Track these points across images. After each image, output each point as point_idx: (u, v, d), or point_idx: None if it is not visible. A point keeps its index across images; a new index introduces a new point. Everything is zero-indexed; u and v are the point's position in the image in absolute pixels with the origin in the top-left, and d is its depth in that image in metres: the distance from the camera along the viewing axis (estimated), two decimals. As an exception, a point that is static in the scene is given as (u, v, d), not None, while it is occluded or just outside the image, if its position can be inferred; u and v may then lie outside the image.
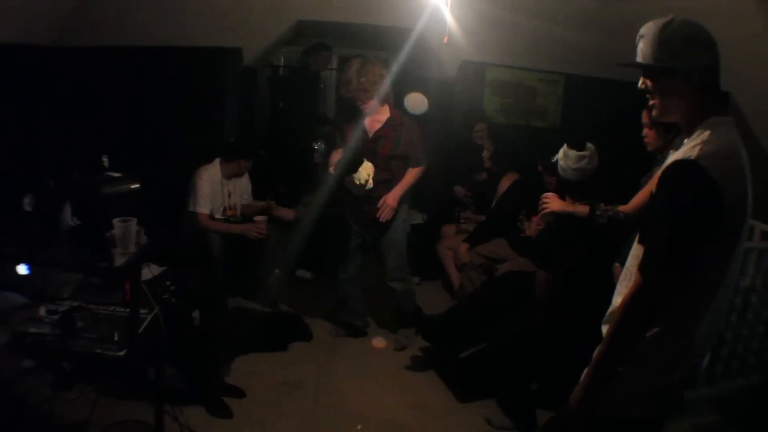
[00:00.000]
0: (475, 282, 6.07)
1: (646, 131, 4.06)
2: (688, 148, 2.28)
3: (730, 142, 2.28)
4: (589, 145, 4.63)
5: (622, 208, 3.14)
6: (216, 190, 5.66)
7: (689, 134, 2.37)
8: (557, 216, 4.10)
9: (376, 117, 5.27)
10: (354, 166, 5.13)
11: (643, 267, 2.30)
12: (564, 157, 4.49)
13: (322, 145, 6.58)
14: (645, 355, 2.39)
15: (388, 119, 5.28)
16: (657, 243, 2.30)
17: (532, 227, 5.32)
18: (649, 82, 2.46)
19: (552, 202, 4.03)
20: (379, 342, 5.42)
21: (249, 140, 6.12)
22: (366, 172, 5.14)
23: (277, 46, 7.79)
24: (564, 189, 4.51)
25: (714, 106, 2.37)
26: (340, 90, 5.22)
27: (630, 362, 2.40)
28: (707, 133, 2.30)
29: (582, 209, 3.57)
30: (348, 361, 5.40)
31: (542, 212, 4.08)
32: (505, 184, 6.66)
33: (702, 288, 2.33)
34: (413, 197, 8.19)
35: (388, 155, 5.26)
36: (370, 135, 5.27)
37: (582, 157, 4.43)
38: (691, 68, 2.33)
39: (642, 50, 2.44)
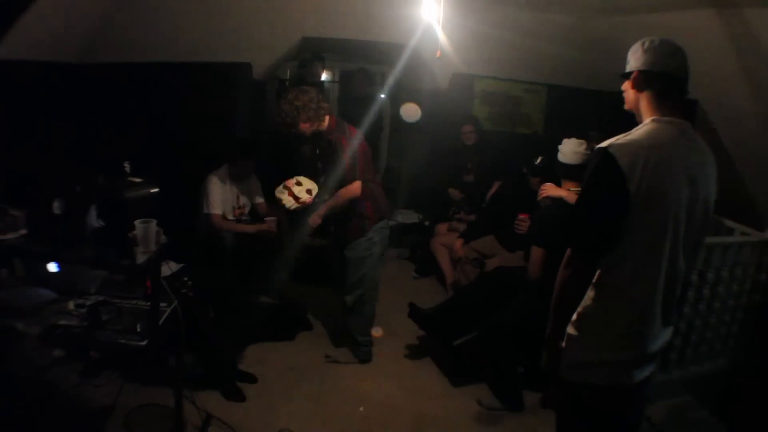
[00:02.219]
0: (469, 274, 6.07)
1: None
2: (612, 139, 2.47)
3: (653, 139, 2.43)
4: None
5: None
6: (226, 192, 5.65)
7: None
8: (552, 200, 4.37)
9: (321, 137, 4.94)
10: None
11: (568, 236, 2.56)
12: (566, 143, 4.54)
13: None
14: (590, 329, 2.58)
15: (323, 138, 4.92)
16: (575, 215, 2.58)
17: (521, 226, 5.31)
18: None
19: (549, 189, 4.41)
20: (377, 331, 5.42)
21: (246, 143, 6.06)
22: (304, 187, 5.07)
23: (283, 61, 7.79)
24: (563, 173, 4.59)
25: (661, 109, 2.54)
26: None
27: (582, 335, 2.59)
28: (639, 128, 2.52)
29: (572, 196, 4.06)
30: (350, 349, 5.40)
31: (540, 197, 4.40)
32: (493, 187, 6.68)
33: (627, 269, 2.47)
34: (409, 198, 8.24)
35: (329, 168, 4.92)
36: (318, 152, 5.10)
37: (581, 144, 4.46)
38: (643, 71, 2.56)
39: (627, 61, 2.65)
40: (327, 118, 4.83)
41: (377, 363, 5.25)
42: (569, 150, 4.51)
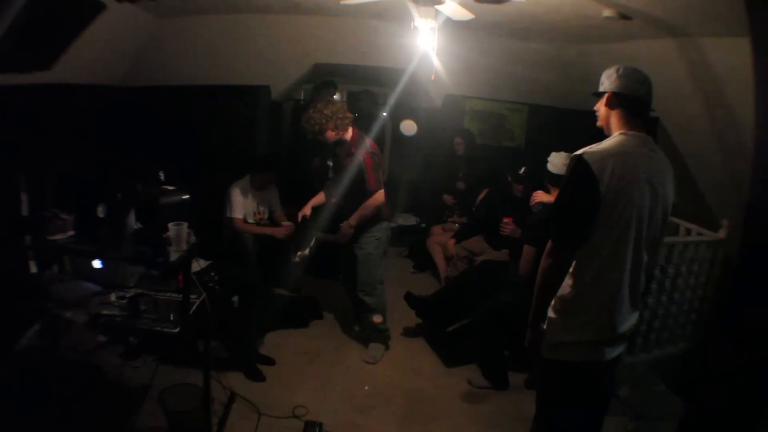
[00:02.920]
0: (460, 270, 6.06)
1: None
2: (586, 147, 2.55)
3: (621, 148, 2.52)
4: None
5: None
6: (247, 200, 5.62)
7: None
8: (543, 205, 4.42)
9: (342, 146, 4.86)
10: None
11: (550, 230, 2.61)
12: (556, 156, 4.56)
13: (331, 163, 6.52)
14: (568, 312, 2.64)
15: (345, 148, 4.85)
16: (555, 212, 2.65)
17: (505, 228, 5.32)
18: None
19: (540, 195, 4.51)
20: (377, 317, 5.41)
21: (267, 158, 6.05)
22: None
23: (298, 84, 7.80)
24: (553, 182, 4.61)
25: (628, 125, 2.61)
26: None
27: (561, 318, 2.65)
28: (609, 139, 2.60)
29: None
30: (356, 334, 5.41)
31: (533, 203, 4.45)
32: (482, 193, 6.68)
33: (598, 260, 2.54)
34: (408, 203, 8.24)
35: (349, 178, 4.80)
36: (339, 161, 4.96)
37: (569, 157, 4.48)
38: (616, 93, 2.62)
39: (601, 82, 2.72)
40: (350, 128, 4.80)
41: (370, 347, 5.23)
42: (559, 162, 4.53)
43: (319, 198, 5.12)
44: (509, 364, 4.78)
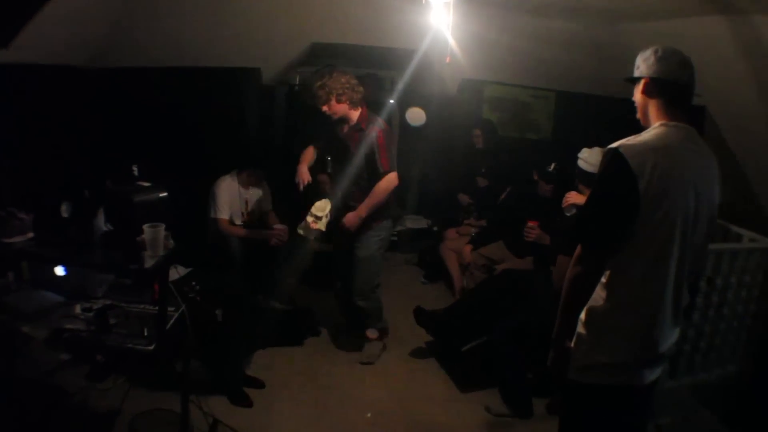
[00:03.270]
0: (478, 281, 6.03)
1: None
2: (622, 140, 2.52)
3: (661, 141, 2.49)
4: None
5: None
6: (234, 198, 5.63)
7: None
8: (577, 208, 4.39)
9: (347, 123, 4.95)
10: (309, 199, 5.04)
11: (579, 232, 2.60)
12: (590, 153, 4.55)
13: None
14: (600, 328, 2.60)
15: (352, 125, 4.93)
16: (586, 212, 2.64)
17: (531, 233, 5.27)
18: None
19: (573, 197, 4.44)
20: (372, 333, 5.39)
21: (259, 152, 6.05)
22: (321, 210, 4.98)
23: (293, 67, 7.80)
24: (585, 181, 4.60)
25: (669, 115, 2.59)
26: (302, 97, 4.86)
27: (592, 334, 2.61)
28: (648, 131, 2.58)
29: None
30: (356, 353, 5.39)
31: (565, 205, 4.42)
32: (503, 193, 6.65)
33: (637, 269, 2.50)
34: (418, 203, 8.23)
35: (355, 160, 4.88)
36: (341, 140, 5.01)
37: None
38: (654, 79, 2.60)
39: (635, 65, 2.70)
40: (361, 105, 4.91)
41: (384, 369, 5.24)
42: (594, 160, 4.50)
43: (310, 154, 5.17)
44: (534, 388, 4.75)
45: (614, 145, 2.48)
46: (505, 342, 4.60)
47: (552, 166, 5.54)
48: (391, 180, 4.86)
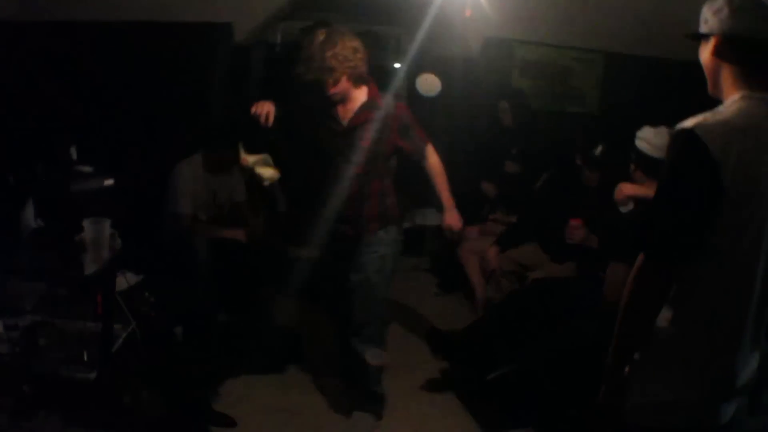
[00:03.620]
0: (505, 291, 6.01)
1: None
2: (695, 118, 2.39)
3: (747, 120, 2.37)
4: None
5: None
6: (199, 187, 5.61)
7: None
8: (636, 202, 4.32)
9: (350, 103, 4.71)
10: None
11: (641, 238, 2.47)
12: (656, 134, 4.52)
13: None
14: (666, 358, 2.53)
15: (365, 104, 4.70)
16: (652, 213, 2.49)
17: (573, 233, 5.24)
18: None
19: (628, 188, 4.37)
20: (374, 358, 5.38)
21: (228, 127, 6.01)
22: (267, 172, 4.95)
23: (273, 21, 7.79)
24: (647, 168, 4.59)
25: (751, 84, 2.46)
26: (299, 71, 4.51)
27: (655, 366, 2.55)
28: (727, 105, 2.46)
29: None
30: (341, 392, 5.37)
31: (619, 198, 4.35)
32: (538, 181, 6.63)
33: (714, 282, 2.42)
34: (430, 194, 8.23)
35: (368, 148, 4.67)
36: (345, 125, 4.73)
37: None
38: (729, 37, 2.47)
39: (702, 18, 2.56)
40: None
41: (388, 403, 5.20)
42: (660, 141, 4.48)
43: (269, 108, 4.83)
44: (576, 428, 4.73)
45: (687, 124, 2.36)
46: (542, 369, 4.59)
47: (599, 148, 5.52)
48: (436, 154, 4.94)
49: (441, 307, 6.88)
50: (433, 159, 4.90)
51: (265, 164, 4.97)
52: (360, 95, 4.70)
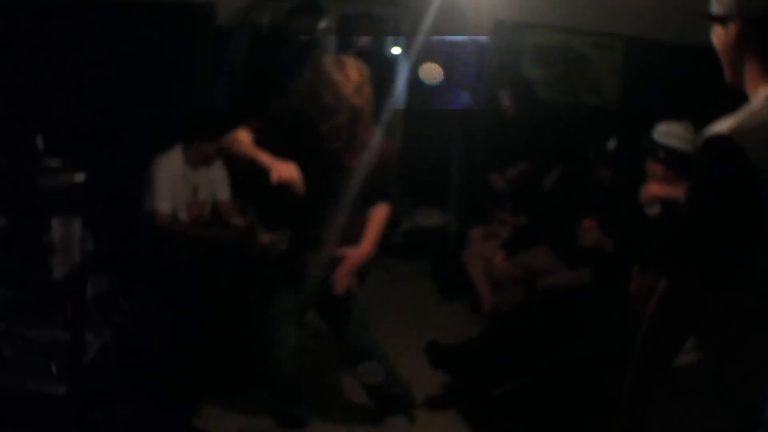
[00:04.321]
0: (514, 299, 6.01)
1: None
2: (729, 120, 2.25)
3: None
4: None
5: None
6: (178, 183, 5.61)
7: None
8: (664, 204, 4.27)
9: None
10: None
11: (671, 260, 2.34)
12: (672, 128, 4.51)
13: None
14: (697, 394, 2.42)
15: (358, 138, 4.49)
16: (684, 232, 2.34)
17: (587, 235, 5.24)
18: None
19: (655, 188, 4.29)
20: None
21: (210, 117, 6.00)
22: None
23: (259, 2, 7.80)
24: (670, 161, 4.57)
25: None
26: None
27: (680, 401, 2.44)
28: (759, 101, 2.31)
29: None
30: (350, 399, 5.39)
31: (646, 199, 4.32)
32: (550, 178, 6.63)
33: (750, 305, 2.33)
34: (432, 193, 8.22)
35: (354, 168, 4.52)
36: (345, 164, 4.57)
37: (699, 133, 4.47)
38: (751, 21, 2.33)
39: None
40: None
41: (386, 423, 5.21)
42: (682, 133, 4.49)
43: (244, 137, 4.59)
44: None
45: (723, 129, 2.23)
46: (551, 387, 4.60)
47: (611, 142, 5.52)
48: (387, 213, 4.73)
49: (443, 317, 6.89)
50: (381, 210, 4.69)
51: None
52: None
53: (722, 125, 2.23)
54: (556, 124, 7.17)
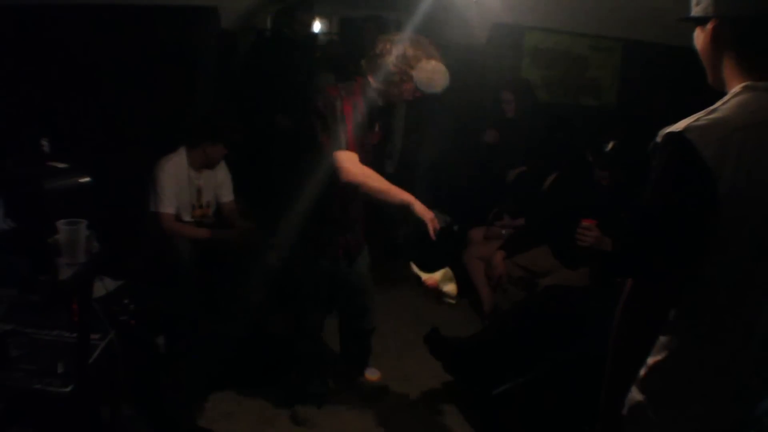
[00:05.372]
0: (513, 300, 6.00)
1: None
2: (689, 118, 2.28)
3: (749, 117, 2.23)
4: None
5: None
6: (183, 185, 5.61)
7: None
8: None
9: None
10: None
11: (629, 261, 2.40)
12: None
13: None
14: (669, 392, 2.45)
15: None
16: (639, 231, 2.39)
17: (586, 235, 5.21)
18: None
19: None
20: (372, 374, 5.39)
21: (214, 120, 6.00)
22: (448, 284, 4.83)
23: (262, 6, 7.80)
24: None
25: (757, 71, 2.31)
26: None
27: (653, 401, 2.46)
28: (726, 100, 2.31)
29: None
30: (351, 397, 5.39)
31: None
32: (549, 180, 6.62)
33: (715, 303, 2.33)
34: (432, 194, 8.21)
35: (376, 145, 4.87)
36: (375, 131, 4.85)
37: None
38: (727, 19, 2.32)
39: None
40: None
41: (387, 419, 5.24)
42: None
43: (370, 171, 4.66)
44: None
45: (678, 126, 2.26)
46: (553, 383, 4.60)
47: (610, 144, 5.51)
48: None
49: (443, 316, 6.88)
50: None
51: (448, 279, 4.92)
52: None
53: (682, 122, 2.26)
54: (555, 126, 7.17)
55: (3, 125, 5.41)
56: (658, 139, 2.30)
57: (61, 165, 3.55)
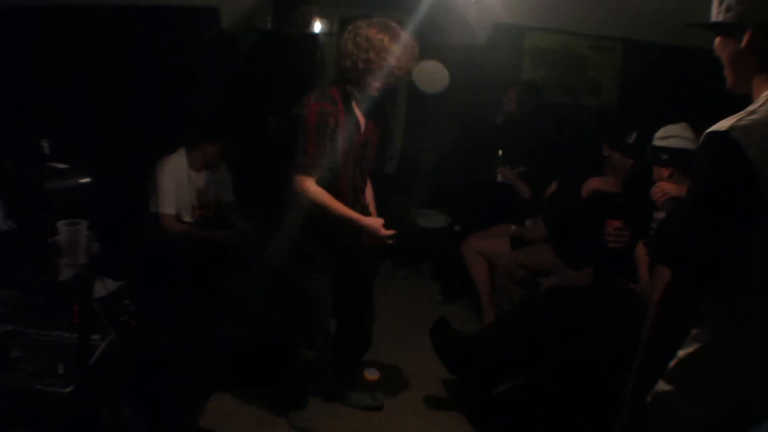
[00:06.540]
0: (514, 299, 5.98)
1: None
2: (730, 118, 2.30)
3: None
4: None
5: None
6: (182, 186, 5.61)
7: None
8: (676, 203, 4.30)
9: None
10: None
11: (674, 255, 2.44)
12: (681, 129, 4.52)
13: None
14: (693, 381, 2.47)
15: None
16: (681, 227, 2.44)
17: (614, 235, 5.16)
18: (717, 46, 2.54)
19: (667, 187, 4.32)
20: (372, 373, 5.38)
21: (214, 121, 5.99)
22: None
23: (262, 6, 7.79)
24: (685, 164, 4.54)
25: None
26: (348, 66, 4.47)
27: (682, 390, 2.48)
28: (760, 102, 2.33)
29: None
30: (350, 397, 5.37)
31: (659, 198, 4.33)
32: (551, 186, 6.56)
33: (751, 298, 2.35)
34: (433, 194, 8.21)
35: (375, 143, 4.82)
36: (362, 132, 4.67)
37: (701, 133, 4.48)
38: (755, 23, 2.33)
39: (724, 5, 2.44)
40: None
41: (389, 420, 5.24)
42: (683, 133, 4.49)
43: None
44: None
45: (722, 126, 2.27)
46: (552, 386, 4.59)
47: (633, 135, 5.48)
48: None
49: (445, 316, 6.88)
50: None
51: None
52: None
53: (723, 122, 2.27)
54: (557, 126, 7.16)
55: (3, 125, 5.40)
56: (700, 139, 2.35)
57: (61, 165, 3.54)
